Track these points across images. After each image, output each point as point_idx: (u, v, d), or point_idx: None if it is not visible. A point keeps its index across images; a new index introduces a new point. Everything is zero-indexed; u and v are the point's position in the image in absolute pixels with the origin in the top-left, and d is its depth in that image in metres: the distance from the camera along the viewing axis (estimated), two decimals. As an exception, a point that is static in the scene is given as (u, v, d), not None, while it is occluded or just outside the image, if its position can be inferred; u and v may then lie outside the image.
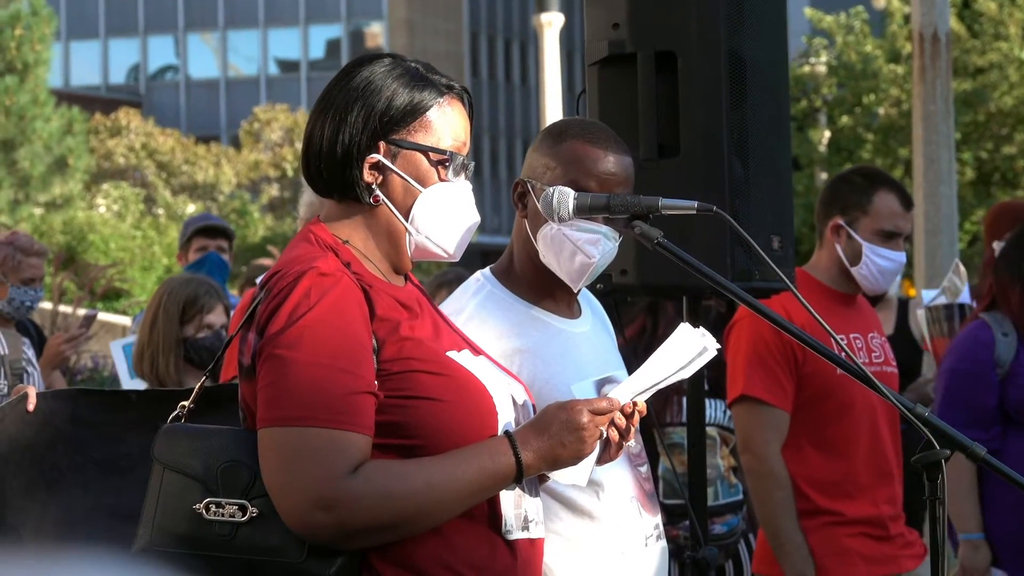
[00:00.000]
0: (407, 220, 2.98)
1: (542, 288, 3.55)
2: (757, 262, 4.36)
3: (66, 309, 16.03)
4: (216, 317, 5.66)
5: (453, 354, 2.94)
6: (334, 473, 2.73)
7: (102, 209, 34.02)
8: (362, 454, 2.77)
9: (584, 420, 2.89)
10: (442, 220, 2.99)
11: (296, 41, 56.46)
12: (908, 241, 5.17)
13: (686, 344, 3.02)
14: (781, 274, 3.28)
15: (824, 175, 27.18)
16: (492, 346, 3.27)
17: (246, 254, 23.60)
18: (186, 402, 3.02)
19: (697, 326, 3.07)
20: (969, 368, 5.36)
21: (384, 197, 2.98)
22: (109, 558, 3.04)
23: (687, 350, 3.01)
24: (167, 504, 2.85)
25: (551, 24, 26.36)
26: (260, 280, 2.96)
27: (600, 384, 3.46)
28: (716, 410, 5.74)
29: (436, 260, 3.05)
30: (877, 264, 5.06)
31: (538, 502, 3.04)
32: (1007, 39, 27.00)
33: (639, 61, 4.40)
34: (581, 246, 3.44)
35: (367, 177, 2.96)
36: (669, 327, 3.07)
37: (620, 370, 3.61)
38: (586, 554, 3.44)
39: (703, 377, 4.68)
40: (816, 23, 28.47)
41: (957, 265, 6.54)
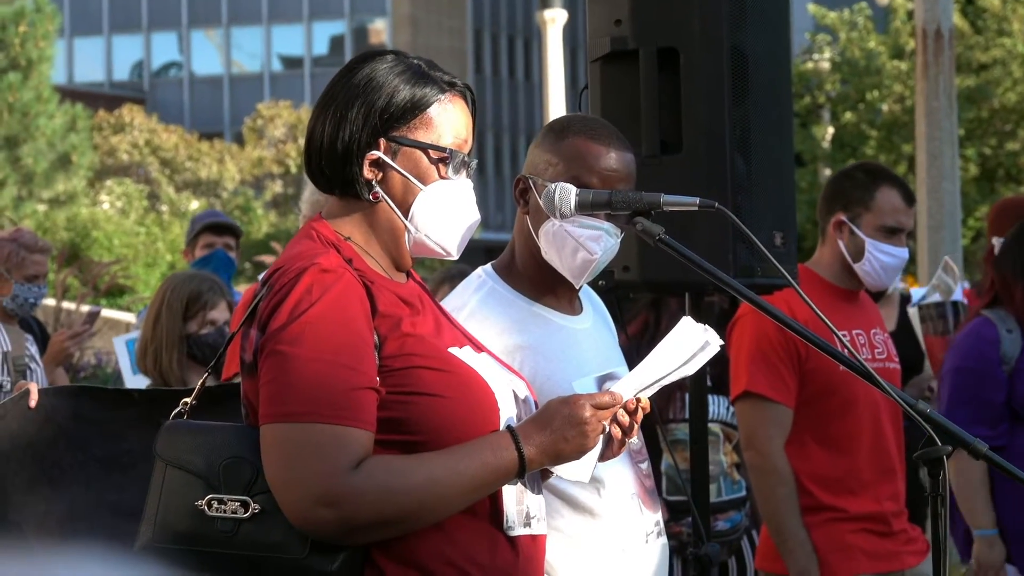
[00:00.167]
0: (407, 218, 2.98)
1: (544, 284, 3.55)
2: (759, 258, 4.35)
3: (69, 306, 16.04)
4: (219, 313, 5.66)
5: (455, 350, 2.94)
6: (336, 469, 2.73)
7: (106, 206, 34.03)
8: (364, 450, 2.77)
9: (586, 414, 2.89)
10: (441, 218, 2.98)
11: (300, 37, 56.43)
12: (911, 237, 5.17)
13: (688, 339, 3.01)
14: (783, 270, 3.27)
15: (827, 171, 27.20)
16: (493, 342, 3.27)
17: (249, 250, 23.57)
18: (188, 399, 3.02)
19: (700, 323, 3.07)
20: (975, 365, 5.34)
21: (384, 194, 2.97)
22: (111, 555, 3.04)
23: (689, 345, 3.01)
24: (169, 501, 2.84)
25: (554, 21, 26.42)
26: (262, 276, 2.96)
27: (601, 380, 3.45)
28: (719, 406, 5.74)
29: (436, 258, 3.05)
30: (880, 260, 5.06)
31: (541, 499, 3.04)
32: (1010, 35, 27.02)
33: (641, 57, 4.40)
34: (583, 242, 3.43)
35: (367, 174, 2.96)
36: (672, 323, 3.06)
37: (621, 366, 3.61)
38: (587, 551, 3.44)
39: (706, 373, 4.67)
40: (820, 19, 28.49)
41: (947, 262, 6.52)
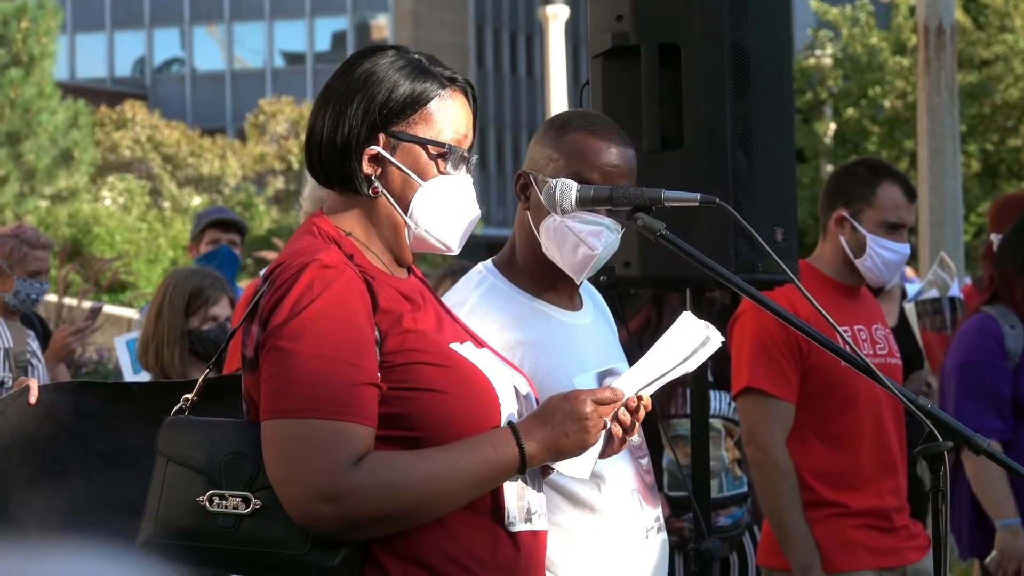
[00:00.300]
0: (406, 213, 2.97)
1: (544, 280, 3.55)
2: (760, 254, 4.35)
3: (71, 301, 16.06)
4: (221, 309, 5.66)
5: (456, 346, 2.94)
6: (337, 464, 2.73)
7: (107, 202, 34.01)
8: (365, 445, 2.77)
9: (588, 410, 2.89)
10: (441, 213, 2.98)
11: (302, 33, 56.42)
12: (913, 233, 5.17)
13: (688, 335, 3.01)
14: (784, 266, 3.28)
15: (829, 167, 27.19)
16: (494, 338, 3.26)
17: (251, 246, 23.56)
18: (189, 394, 3.02)
19: (701, 319, 3.06)
20: (982, 358, 5.33)
21: (383, 189, 2.97)
22: (112, 550, 3.04)
23: (690, 340, 3.00)
24: (170, 496, 2.85)
25: (556, 17, 26.41)
26: (263, 272, 2.96)
27: (602, 376, 3.45)
28: (721, 402, 5.74)
29: (436, 253, 3.04)
30: (881, 256, 5.06)
31: (542, 495, 3.04)
32: (1012, 31, 27.00)
33: (643, 53, 4.40)
34: (584, 238, 3.43)
35: (366, 169, 2.96)
36: (673, 319, 3.06)
37: (621, 362, 3.61)
38: (587, 547, 3.44)
39: (707, 369, 4.68)
40: (822, 15, 28.47)
41: (943, 258, 6.52)
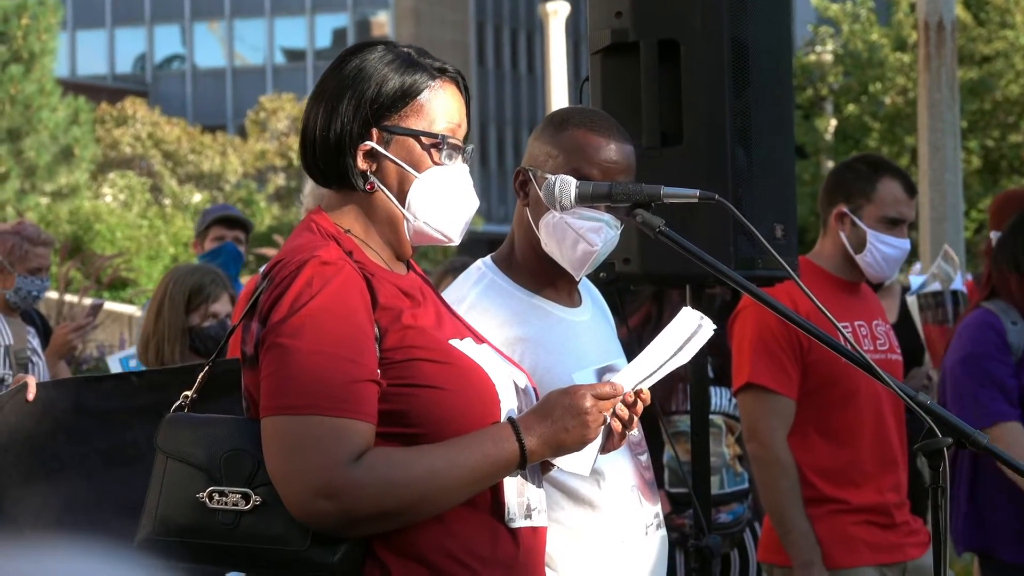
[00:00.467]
0: (403, 206, 2.97)
1: (543, 276, 3.55)
2: (760, 250, 4.35)
3: (72, 298, 16.07)
4: (221, 306, 5.66)
5: (455, 342, 2.94)
6: (337, 461, 2.73)
7: (108, 198, 34.01)
8: (365, 442, 2.77)
9: (587, 405, 2.89)
10: (438, 204, 2.98)
11: (302, 30, 56.42)
12: (913, 229, 5.17)
13: (685, 327, 3.01)
14: (783, 262, 3.27)
15: (830, 163, 27.19)
16: (493, 335, 3.26)
17: (252, 243, 23.54)
18: (189, 392, 3.02)
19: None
20: (986, 351, 5.31)
21: (380, 184, 2.97)
22: (110, 548, 3.04)
23: (686, 333, 3.01)
24: (170, 493, 2.85)
25: (557, 13, 26.40)
26: (263, 269, 2.96)
27: (601, 372, 3.46)
28: (722, 398, 5.74)
29: (436, 244, 3.04)
30: (881, 251, 5.06)
31: (541, 492, 3.04)
32: (1013, 27, 27.00)
33: (642, 49, 4.39)
34: (583, 234, 3.43)
35: (361, 164, 2.96)
36: (673, 315, 3.06)
37: (620, 358, 3.61)
38: (587, 543, 3.44)
39: (707, 364, 4.68)
40: (822, 11, 28.47)
41: (947, 251, 6.51)
